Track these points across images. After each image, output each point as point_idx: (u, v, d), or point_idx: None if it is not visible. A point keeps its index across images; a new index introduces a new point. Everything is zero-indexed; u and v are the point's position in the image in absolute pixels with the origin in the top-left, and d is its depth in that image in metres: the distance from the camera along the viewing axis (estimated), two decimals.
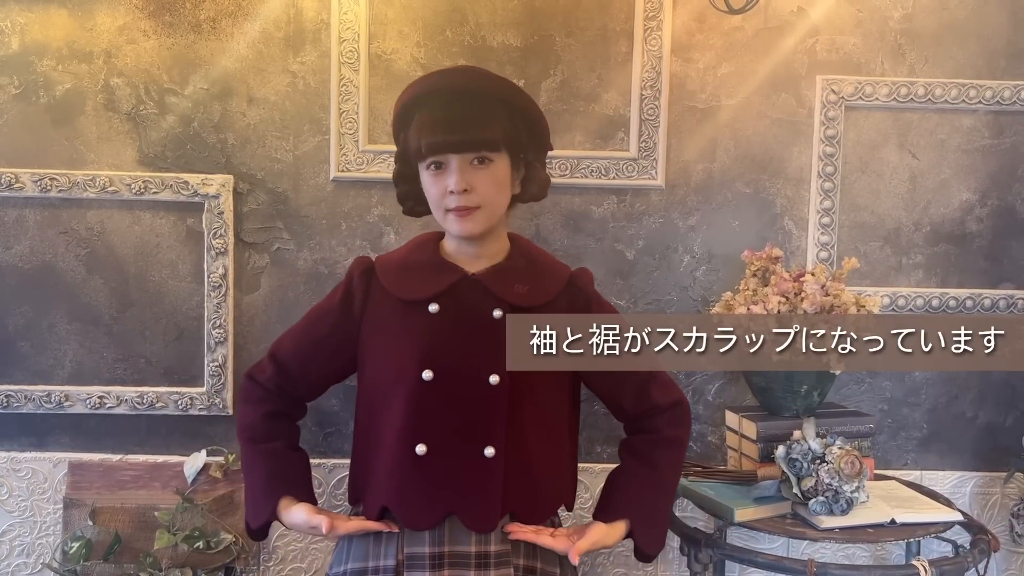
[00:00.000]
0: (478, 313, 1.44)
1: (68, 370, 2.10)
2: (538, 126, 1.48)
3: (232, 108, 2.06)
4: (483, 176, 1.40)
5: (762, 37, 2.09)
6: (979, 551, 1.73)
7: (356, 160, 2.07)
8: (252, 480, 1.51)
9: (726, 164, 2.12)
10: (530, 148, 1.48)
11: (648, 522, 1.50)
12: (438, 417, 1.42)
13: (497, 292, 1.45)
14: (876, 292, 2.11)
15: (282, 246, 2.10)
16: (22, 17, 2.02)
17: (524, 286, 1.46)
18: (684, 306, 2.14)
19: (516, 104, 1.44)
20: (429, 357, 1.42)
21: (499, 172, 1.42)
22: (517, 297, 1.45)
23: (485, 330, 1.43)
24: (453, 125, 1.38)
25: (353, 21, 2.03)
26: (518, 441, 1.43)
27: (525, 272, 1.48)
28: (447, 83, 1.43)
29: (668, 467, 1.54)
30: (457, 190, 1.39)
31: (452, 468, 1.41)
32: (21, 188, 2.03)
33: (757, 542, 2.08)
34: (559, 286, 1.50)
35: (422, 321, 1.44)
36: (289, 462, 1.52)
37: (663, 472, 1.53)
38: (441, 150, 1.38)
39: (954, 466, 2.20)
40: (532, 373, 1.44)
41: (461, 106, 1.39)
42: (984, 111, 2.12)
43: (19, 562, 2.11)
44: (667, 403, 1.54)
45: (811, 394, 1.93)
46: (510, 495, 1.42)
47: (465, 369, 1.42)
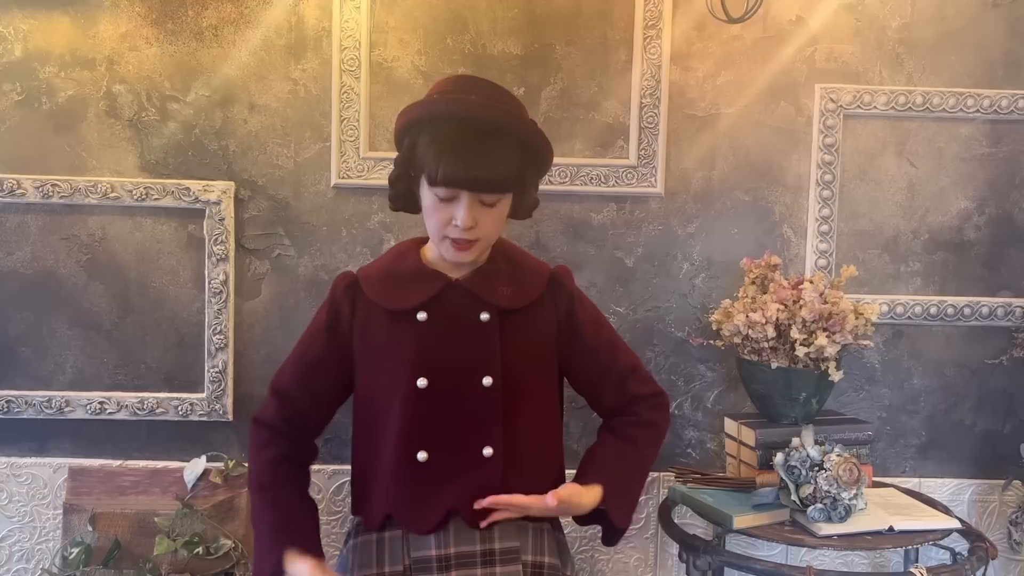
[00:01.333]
0: (466, 318, 1.45)
1: (69, 375, 2.10)
2: (544, 161, 1.49)
3: (233, 115, 2.07)
4: (489, 215, 1.41)
5: (761, 46, 2.10)
6: (977, 558, 1.74)
7: (357, 167, 2.08)
8: (259, 530, 1.48)
9: (725, 172, 2.13)
10: (530, 182, 1.49)
11: (622, 493, 1.51)
12: (436, 423, 1.44)
13: (482, 295, 1.46)
14: (874, 300, 2.11)
15: (283, 252, 2.11)
16: (25, 24, 2.03)
17: (508, 288, 1.48)
18: (683, 313, 2.15)
19: (530, 143, 1.44)
20: (422, 365, 1.44)
21: (503, 210, 1.45)
22: (502, 299, 1.47)
23: (474, 334, 1.45)
24: (473, 164, 1.37)
25: (354, 29, 2.04)
26: (514, 438, 1.45)
27: (508, 274, 1.50)
28: (471, 112, 1.39)
29: (645, 445, 1.57)
30: (463, 226, 1.39)
31: (453, 470, 1.44)
32: (23, 194, 2.04)
33: (756, 549, 2.08)
34: (541, 285, 1.52)
35: (411, 330, 1.45)
36: (296, 513, 1.49)
37: (639, 448, 1.56)
38: (458, 185, 1.38)
39: (952, 474, 2.21)
40: (523, 371, 1.47)
41: (483, 145, 1.38)
42: (982, 120, 2.13)
43: (19, 567, 2.11)
44: (647, 393, 1.58)
45: (810, 401, 1.93)
46: (509, 491, 1.43)
47: (458, 374, 1.44)
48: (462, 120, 1.39)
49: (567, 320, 1.53)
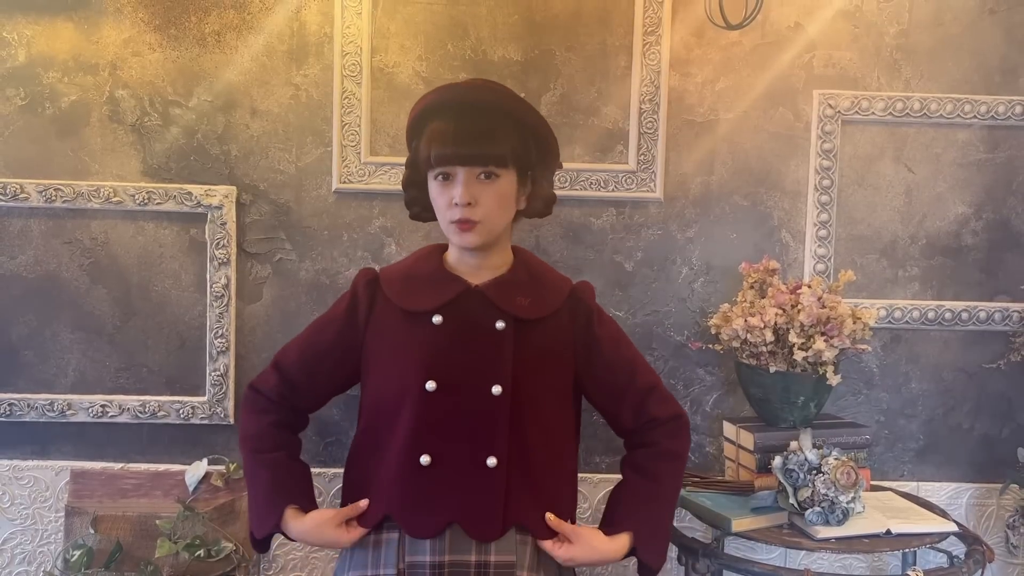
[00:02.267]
0: (481, 325, 1.45)
1: (71, 379, 2.11)
2: (547, 144, 1.50)
3: (236, 120, 2.08)
4: (488, 191, 1.42)
5: (760, 52, 2.12)
6: (974, 562, 1.74)
7: (358, 172, 2.09)
8: (255, 490, 1.51)
9: (724, 177, 2.14)
10: (538, 165, 1.49)
11: (651, 534, 1.49)
12: (442, 427, 1.43)
13: (500, 304, 1.46)
14: (872, 304, 2.12)
15: (284, 257, 2.12)
16: (28, 29, 2.04)
17: (526, 298, 1.47)
18: (682, 317, 2.16)
19: (527, 122, 1.45)
20: (432, 368, 1.43)
21: (504, 188, 1.44)
22: (520, 309, 1.46)
23: (488, 341, 1.44)
24: (463, 138, 1.40)
25: (356, 35, 2.06)
26: (521, 451, 1.44)
27: (528, 284, 1.50)
28: (461, 96, 1.45)
29: (668, 479, 1.53)
30: (461, 203, 1.40)
31: (455, 478, 1.42)
32: (26, 198, 2.05)
33: (754, 552, 2.09)
34: (561, 298, 1.51)
35: (425, 332, 1.45)
36: (292, 473, 1.53)
37: (663, 484, 1.52)
38: (449, 162, 1.41)
39: (950, 477, 2.21)
40: (535, 384, 1.45)
41: (472, 120, 1.41)
42: (979, 126, 2.14)
43: (20, 570, 2.12)
44: (666, 416, 1.54)
45: (808, 405, 1.94)
46: (513, 505, 1.43)
47: (468, 380, 1.43)
48: (454, 105, 1.43)
49: (585, 335, 1.52)
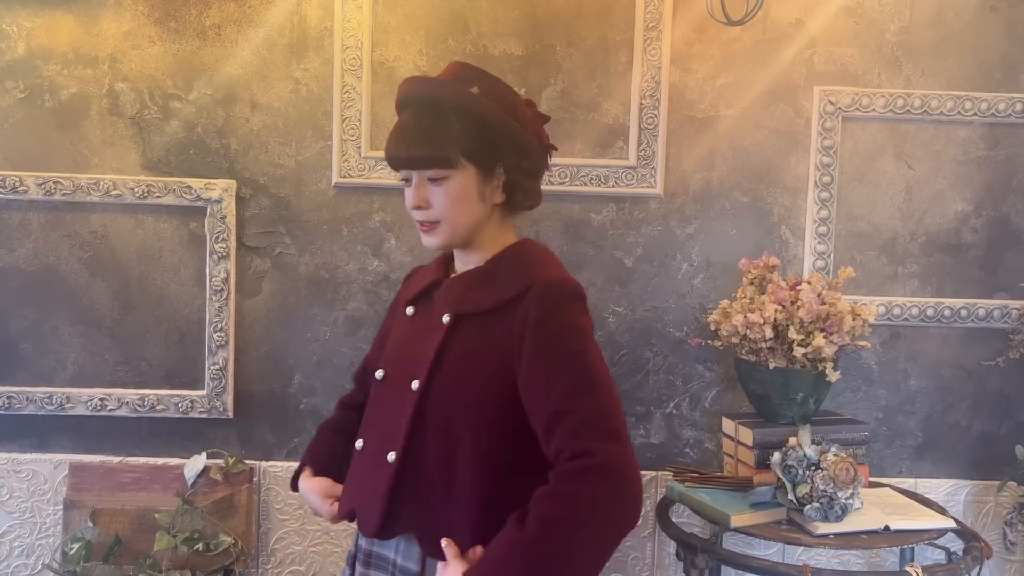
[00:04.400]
0: (433, 317, 1.42)
1: (70, 372, 2.11)
2: (500, 133, 1.37)
3: (235, 114, 2.08)
4: (438, 192, 1.36)
5: (760, 48, 2.12)
6: (972, 558, 1.75)
7: (358, 166, 2.09)
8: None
9: (724, 173, 2.14)
10: (507, 156, 1.39)
11: None
12: (372, 415, 1.46)
13: (449, 296, 1.41)
14: (872, 301, 2.12)
15: (284, 251, 2.12)
16: (28, 22, 2.04)
17: (477, 292, 1.39)
18: (682, 313, 2.16)
19: (473, 113, 1.36)
20: (387, 357, 1.47)
21: (456, 187, 1.36)
22: (464, 302, 1.39)
23: (431, 334, 1.40)
24: (405, 142, 1.36)
25: (356, 29, 2.05)
26: (422, 451, 1.35)
27: (485, 278, 1.40)
28: (411, 92, 1.40)
29: (534, 528, 1.19)
30: (410, 206, 1.39)
31: (367, 467, 1.42)
32: (25, 191, 2.05)
33: (753, 548, 2.09)
34: (507, 294, 1.35)
35: (400, 321, 1.49)
36: (323, 440, 1.60)
37: (526, 533, 1.19)
38: (396, 166, 1.39)
39: (948, 474, 2.22)
40: (465, 386, 1.35)
41: (417, 121, 1.36)
42: (979, 123, 2.14)
43: (19, 563, 2.12)
44: (569, 451, 1.22)
45: (807, 401, 1.94)
46: (402, 506, 1.35)
47: (401, 371, 1.42)
48: (403, 102, 1.41)
49: (518, 342, 1.31)
